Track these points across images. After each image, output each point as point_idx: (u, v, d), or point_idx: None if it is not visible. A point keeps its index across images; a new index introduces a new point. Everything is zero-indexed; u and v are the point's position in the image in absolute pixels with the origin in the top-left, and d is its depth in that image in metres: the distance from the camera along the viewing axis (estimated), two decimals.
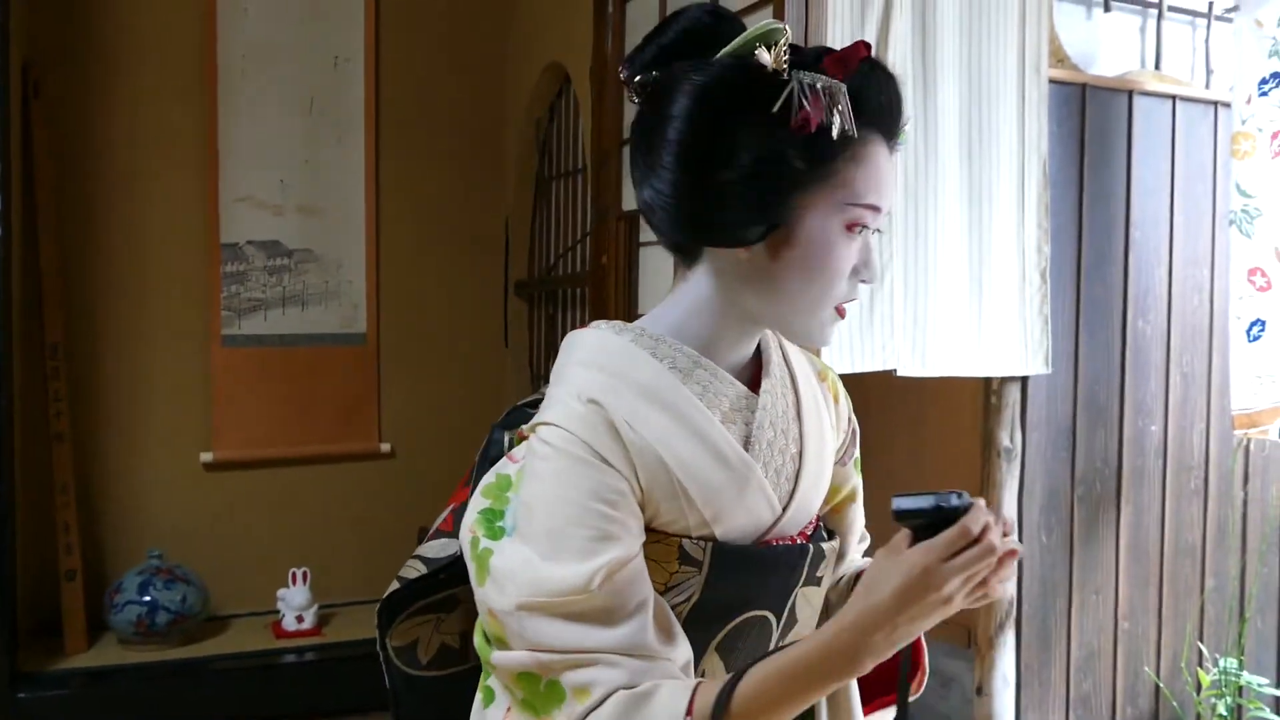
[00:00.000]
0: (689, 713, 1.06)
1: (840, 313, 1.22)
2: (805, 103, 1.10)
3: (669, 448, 1.17)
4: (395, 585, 1.36)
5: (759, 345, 1.31)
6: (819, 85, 1.11)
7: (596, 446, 1.14)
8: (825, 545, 1.31)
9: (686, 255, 1.26)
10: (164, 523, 4.57)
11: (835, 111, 1.11)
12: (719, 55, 1.16)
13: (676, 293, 1.27)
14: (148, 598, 4.18)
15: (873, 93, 1.16)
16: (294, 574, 4.45)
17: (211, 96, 4.61)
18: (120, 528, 4.53)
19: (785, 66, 1.13)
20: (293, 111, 4.75)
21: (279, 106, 4.72)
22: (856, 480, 1.47)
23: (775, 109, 1.11)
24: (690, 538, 1.19)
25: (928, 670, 1.45)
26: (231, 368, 4.69)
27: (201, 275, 4.64)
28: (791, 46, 1.16)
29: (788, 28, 1.15)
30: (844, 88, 1.12)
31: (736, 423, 1.24)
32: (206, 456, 4.65)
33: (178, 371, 4.62)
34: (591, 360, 1.22)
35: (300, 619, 4.43)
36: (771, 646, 1.27)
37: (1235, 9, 3.11)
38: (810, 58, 1.15)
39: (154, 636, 4.19)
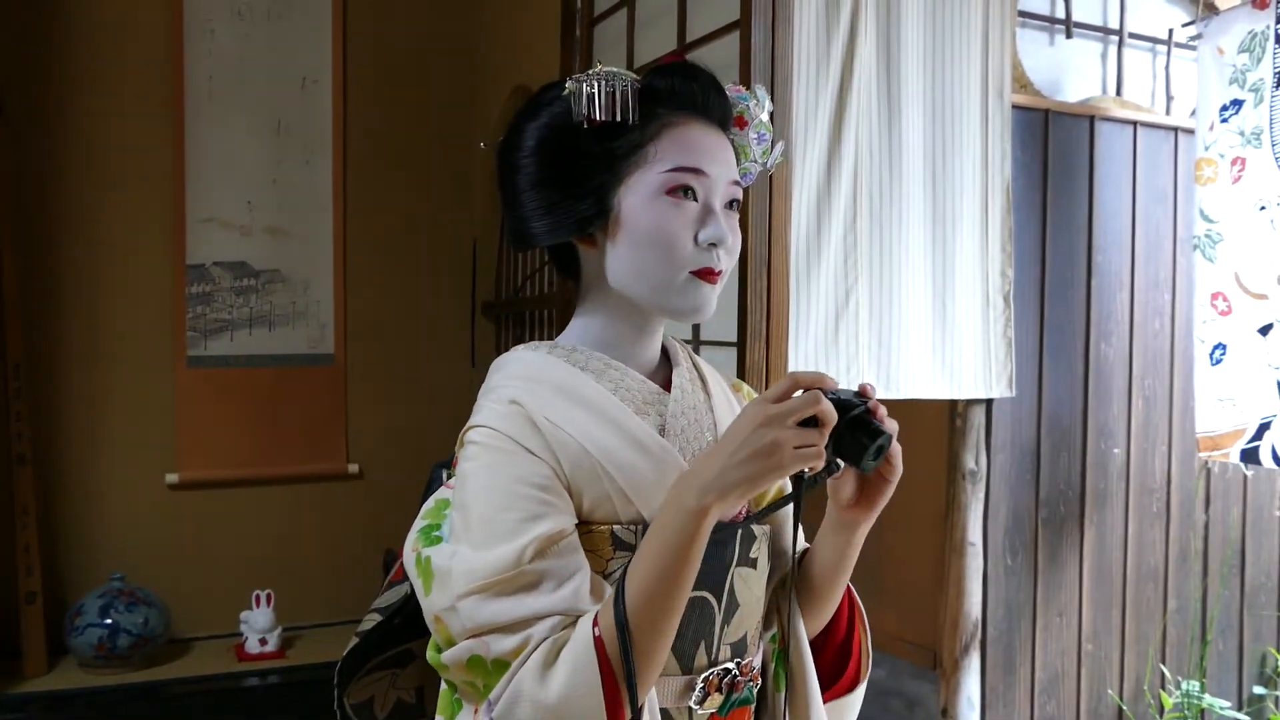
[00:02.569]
0: (595, 624, 1.14)
1: (704, 277, 1.30)
2: (594, 103, 1.26)
3: (589, 438, 1.25)
4: (354, 641, 1.39)
5: (666, 352, 1.43)
6: (601, 89, 1.26)
7: (519, 439, 1.23)
8: (755, 526, 1.37)
9: (569, 272, 1.41)
10: (126, 545, 4.52)
11: (620, 103, 1.26)
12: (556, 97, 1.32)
13: (576, 313, 1.41)
14: (109, 620, 4.13)
15: (666, 84, 1.31)
16: (257, 596, 4.42)
17: (178, 117, 4.59)
18: (82, 550, 4.48)
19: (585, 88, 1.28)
20: (260, 132, 4.74)
21: (246, 127, 4.71)
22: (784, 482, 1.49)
23: (575, 120, 1.27)
24: (620, 523, 1.26)
25: (870, 662, 1.51)
26: (197, 388, 4.66)
27: (167, 296, 4.62)
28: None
29: (599, 63, 1.30)
30: (628, 83, 1.27)
31: (650, 414, 1.33)
32: (171, 478, 4.61)
33: (142, 392, 4.58)
34: (513, 373, 1.33)
35: (264, 641, 4.40)
36: (716, 631, 1.31)
37: (1198, 37, 3.15)
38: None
39: (115, 659, 4.15)
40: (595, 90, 1.25)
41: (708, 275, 1.30)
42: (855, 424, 1.18)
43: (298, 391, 4.85)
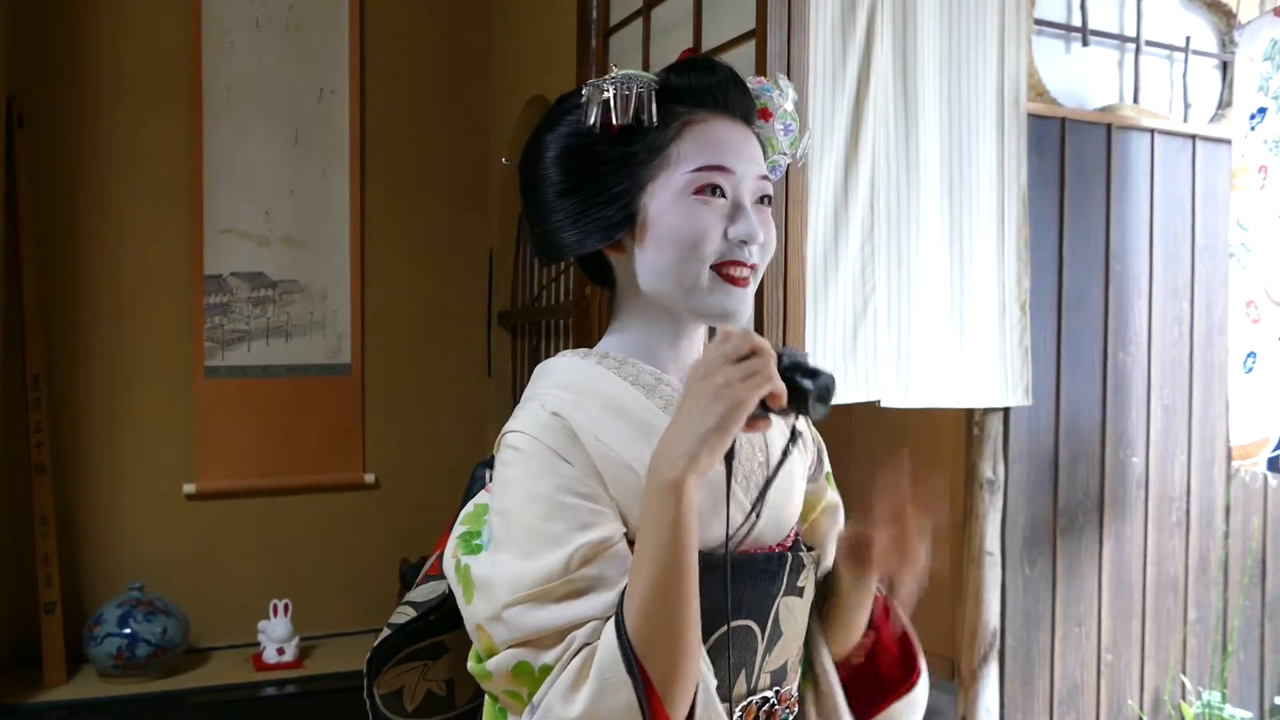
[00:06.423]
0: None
1: (729, 279, 1.27)
2: (611, 108, 1.24)
3: (637, 457, 1.21)
4: (386, 632, 1.38)
5: None
6: (617, 93, 1.24)
7: (559, 450, 1.20)
8: (805, 555, 1.35)
9: (603, 281, 1.38)
10: (145, 554, 4.53)
11: (634, 106, 1.24)
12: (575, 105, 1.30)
13: (611, 322, 1.38)
14: (128, 630, 4.14)
15: (682, 81, 1.28)
16: (275, 605, 4.42)
17: (196, 128, 4.61)
18: (100, 559, 4.50)
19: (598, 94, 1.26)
20: (278, 143, 4.76)
21: (264, 138, 4.73)
22: (833, 496, 1.50)
23: (590, 126, 1.25)
24: None
25: (923, 671, 1.47)
26: (215, 399, 4.68)
27: (185, 306, 4.64)
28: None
29: (614, 67, 1.28)
30: (644, 85, 1.25)
31: None
32: (189, 488, 4.62)
33: (160, 402, 4.60)
34: (559, 382, 1.30)
35: (281, 651, 4.40)
36: (757, 659, 1.29)
37: (1236, 45, 3.15)
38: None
39: (134, 669, 4.16)
40: (611, 95, 1.23)
41: (735, 270, 1.27)
42: (793, 367, 1.14)
43: (315, 401, 4.87)
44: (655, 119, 1.25)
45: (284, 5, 4.75)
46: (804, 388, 1.12)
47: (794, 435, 1.20)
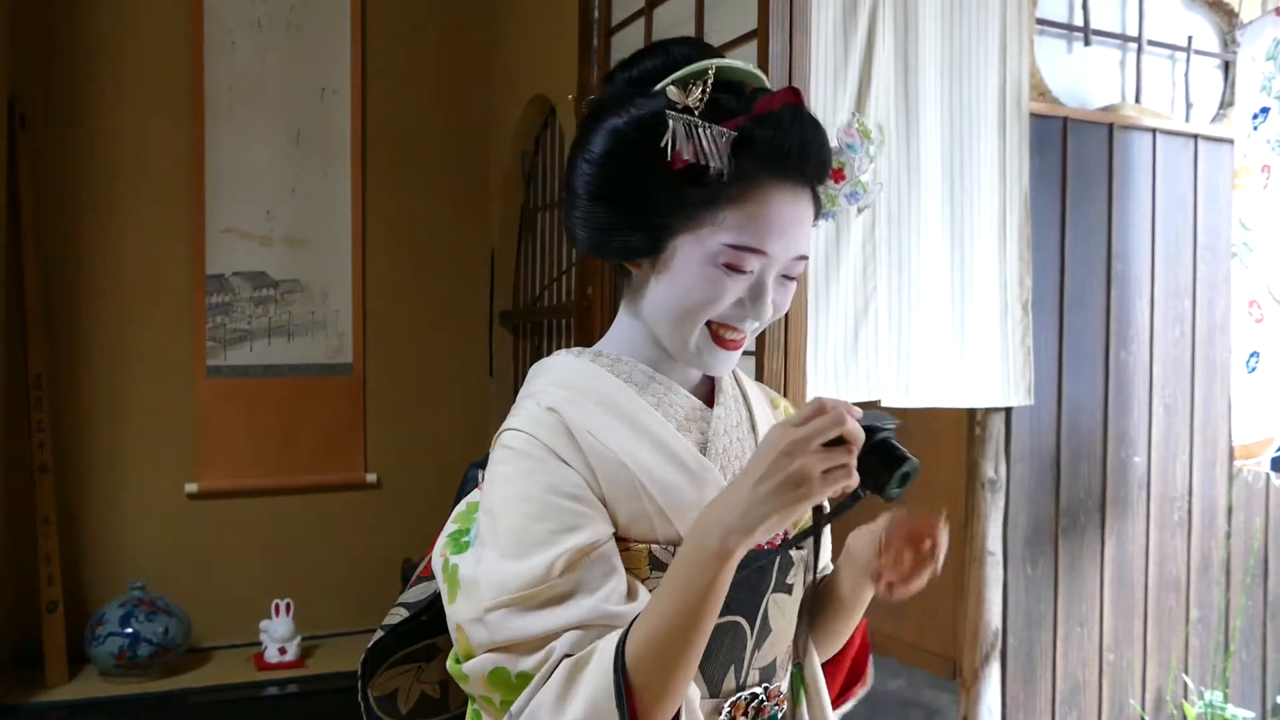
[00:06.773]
0: (617, 650, 1.09)
1: (720, 341, 1.26)
2: (683, 145, 1.16)
3: (628, 452, 1.22)
4: (379, 634, 1.38)
5: None
6: (699, 129, 1.16)
7: (554, 447, 1.20)
8: (794, 553, 1.35)
9: (621, 269, 1.33)
10: (146, 554, 4.54)
11: (711, 155, 1.16)
12: (652, 91, 1.22)
13: (621, 311, 1.36)
14: (129, 629, 4.14)
15: (772, 137, 1.18)
16: (277, 605, 4.42)
17: (198, 127, 4.61)
18: (102, 559, 4.50)
19: (696, 104, 1.18)
20: (279, 143, 4.76)
21: (265, 138, 4.73)
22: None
23: (660, 149, 1.17)
24: (658, 543, 1.22)
25: (869, 681, 1.51)
26: (216, 398, 4.68)
27: (187, 306, 4.64)
28: (729, 84, 1.22)
29: (713, 69, 1.20)
30: (727, 134, 1.16)
31: (692, 431, 1.30)
32: (191, 487, 4.62)
33: (162, 402, 4.60)
34: (554, 379, 1.30)
35: (283, 651, 4.40)
36: (746, 655, 1.29)
37: (1237, 45, 3.15)
38: (746, 97, 1.21)
39: (135, 669, 4.16)
40: (692, 132, 1.16)
41: (730, 335, 1.26)
42: (878, 449, 1.11)
43: (316, 401, 4.87)
44: (728, 171, 1.17)
45: (285, 5, 4.75)
46: (883, 475, 1.11)
47: (857, 495, 1.15)
